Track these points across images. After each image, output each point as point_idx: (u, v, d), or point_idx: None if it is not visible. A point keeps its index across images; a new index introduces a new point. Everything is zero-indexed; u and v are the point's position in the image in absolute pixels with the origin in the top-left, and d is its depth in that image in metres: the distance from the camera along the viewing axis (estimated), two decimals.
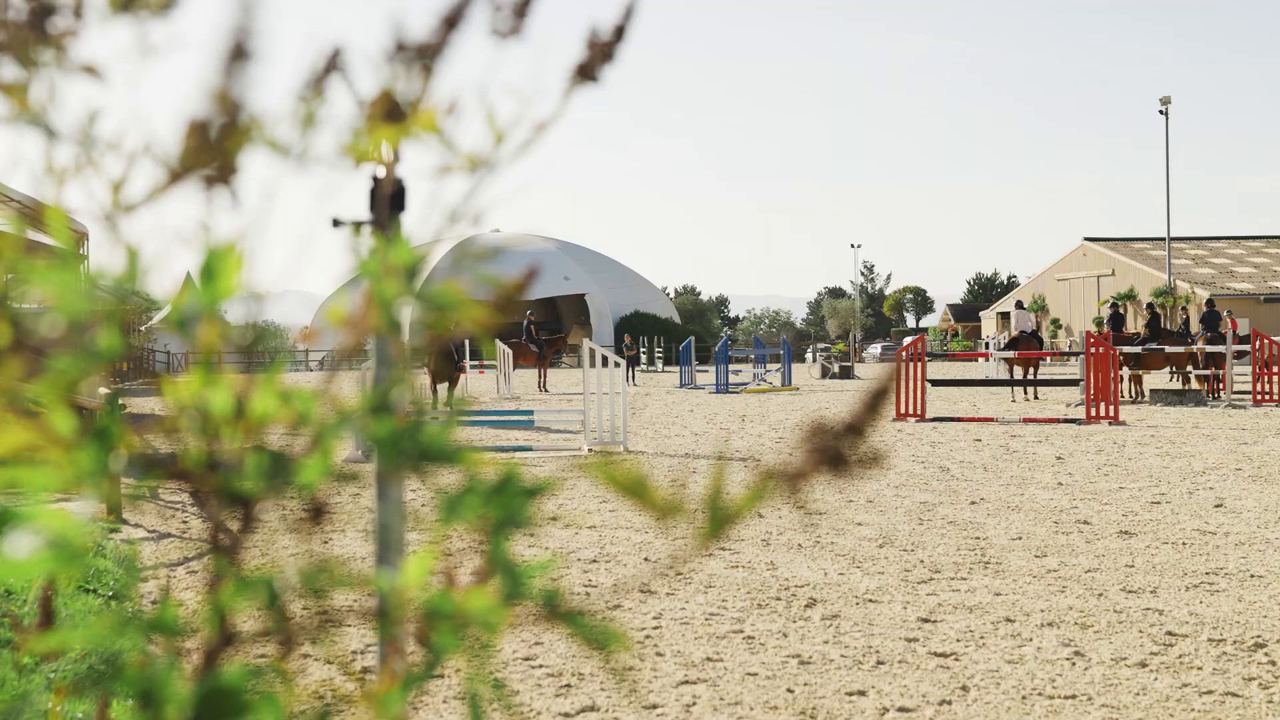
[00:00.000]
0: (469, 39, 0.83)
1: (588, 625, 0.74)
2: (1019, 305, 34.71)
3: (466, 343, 27.17)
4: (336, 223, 1.33)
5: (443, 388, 24.96)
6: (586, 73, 0.93)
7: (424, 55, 0.82)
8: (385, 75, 0.82)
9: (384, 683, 0.76)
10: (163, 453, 0.75)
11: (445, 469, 0.77)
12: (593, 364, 17.79)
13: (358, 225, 1.32)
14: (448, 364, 24.36)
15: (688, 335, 59.91)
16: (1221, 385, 28.28)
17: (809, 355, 63.10)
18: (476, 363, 42.70)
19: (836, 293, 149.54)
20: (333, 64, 0.82)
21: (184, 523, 11.09)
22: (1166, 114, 60.99)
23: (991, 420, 22.86)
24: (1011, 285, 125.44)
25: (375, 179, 1.28)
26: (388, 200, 1.20)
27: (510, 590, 0.76)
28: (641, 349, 62.26)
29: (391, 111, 0.84)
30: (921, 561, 9.00)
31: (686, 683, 6.01)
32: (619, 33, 0.92)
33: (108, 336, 0.74)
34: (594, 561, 9.07)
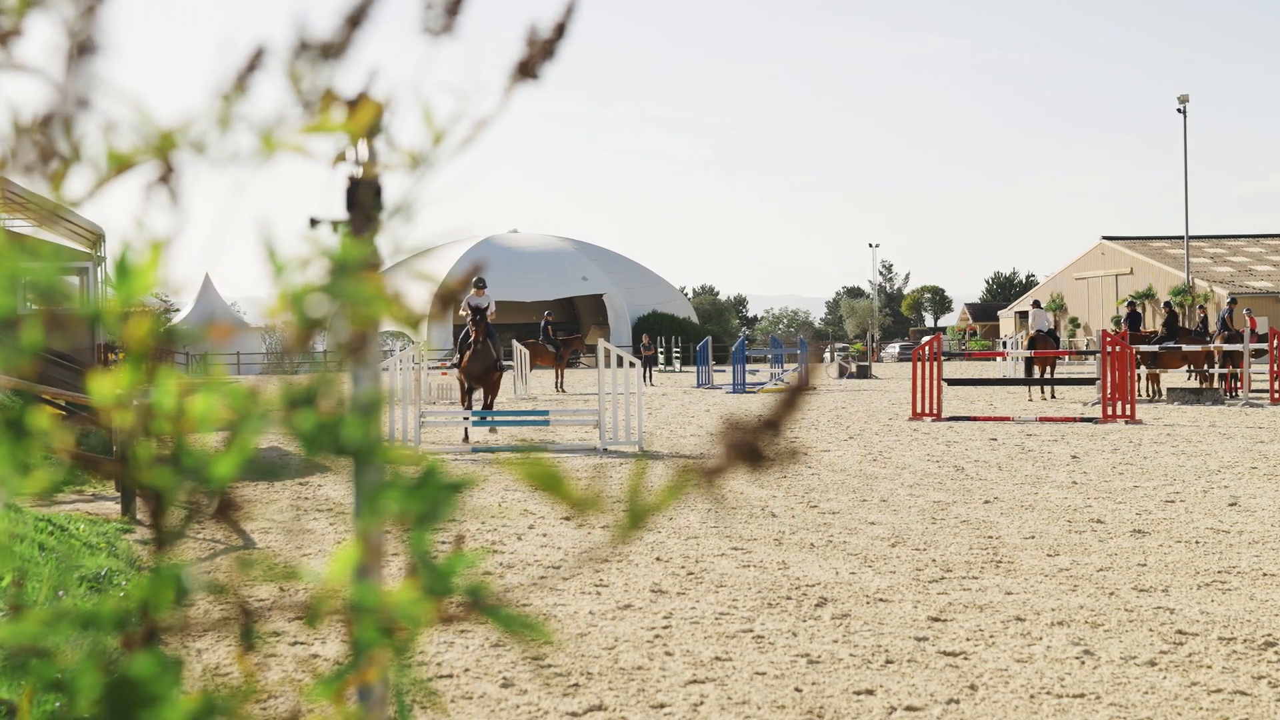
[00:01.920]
0: (405, 38, 0.84)
1: (509, 617, 0.75)
2: (1036, 304, 34.63)
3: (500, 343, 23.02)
4: (314, 222, 1.34)
5: (478, 395, 20.68)
6: (527, 70, 0.94)
7: (328, 53, 0.83)
8: (292, 73, 0.83)
9: (311, 677, 0.77)
10: (89, 448, 0.76)
11: (366, 463, 0.78)
12: (608, 365, 17.80)
13: (335, 224, 1.34)
14: (482, 365, 19.63)
15: (705, 335, 59.88)
16: (1240, 384, 28.17)
17: (826, 355, 63.05)
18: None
19: (855, 292, 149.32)
20: (255, 62, 0.83)
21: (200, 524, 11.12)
22: (1184, 112, 60.75)
23: (1008, 419, 22.81)
24: (1030, 284, 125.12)
25: (351, 179, 1.30)
26: (352, 196, 1.21)
27: (433, 584, 0.77)
28: (659, 349, 62.30)
29: (325, 107, 0.85)
30: (933, 561, 8.99)
31: (695, 682, 6.02)
32: (560, 30, 0.93)
33: (30, 333, 0.75)
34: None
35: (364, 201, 1.24)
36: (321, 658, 6.43)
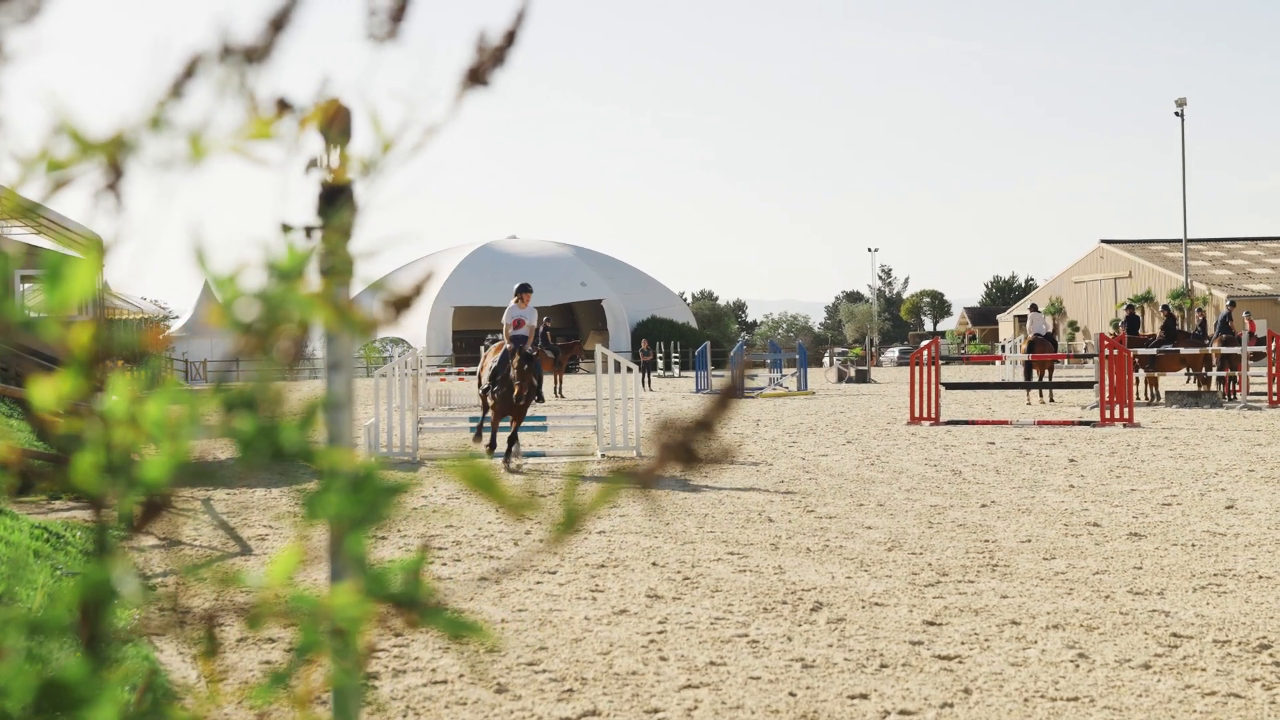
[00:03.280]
0: (354, 44, 0.84)
1: (448, 619, 0.75)
2: (1034, 308, 34.64)
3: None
4: (286, 228, 1.34)
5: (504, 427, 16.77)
6: (477, 77, 0.94)
7: (252, 57, 0.83)
8: (226, 78, 0.83)
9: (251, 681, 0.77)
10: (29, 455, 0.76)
11: (305, 467, 0.78)
12: (606, 370, 17.80)
13: (309, 229, 1.34)
14: (509, 389, 16.14)
15: (704, 340, 59.87)
16: (1238, 387, 28.16)
17: (826, 359, 63.04)
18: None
19: (854, 297, 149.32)
20: (191, 69, 0.83)
21: (195, 530, 11.12)
22: (1182, 115, 60.82)
23: (1006, 423, 22.81)
24: (1029, 288, 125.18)
25: (324, 184, 1.30)
26: (324, 200, 1.21)
27: (372, 587, 0.77)
28: (658, 354, 62.29)
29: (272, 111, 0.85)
30: (929, 565, 8.99)
31: (689, 686, 6.02)
32: (510, 37, 0.93)
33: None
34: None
35: (334, 206, 1.24)
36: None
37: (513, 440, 16.66)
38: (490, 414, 16.64)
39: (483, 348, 37.36)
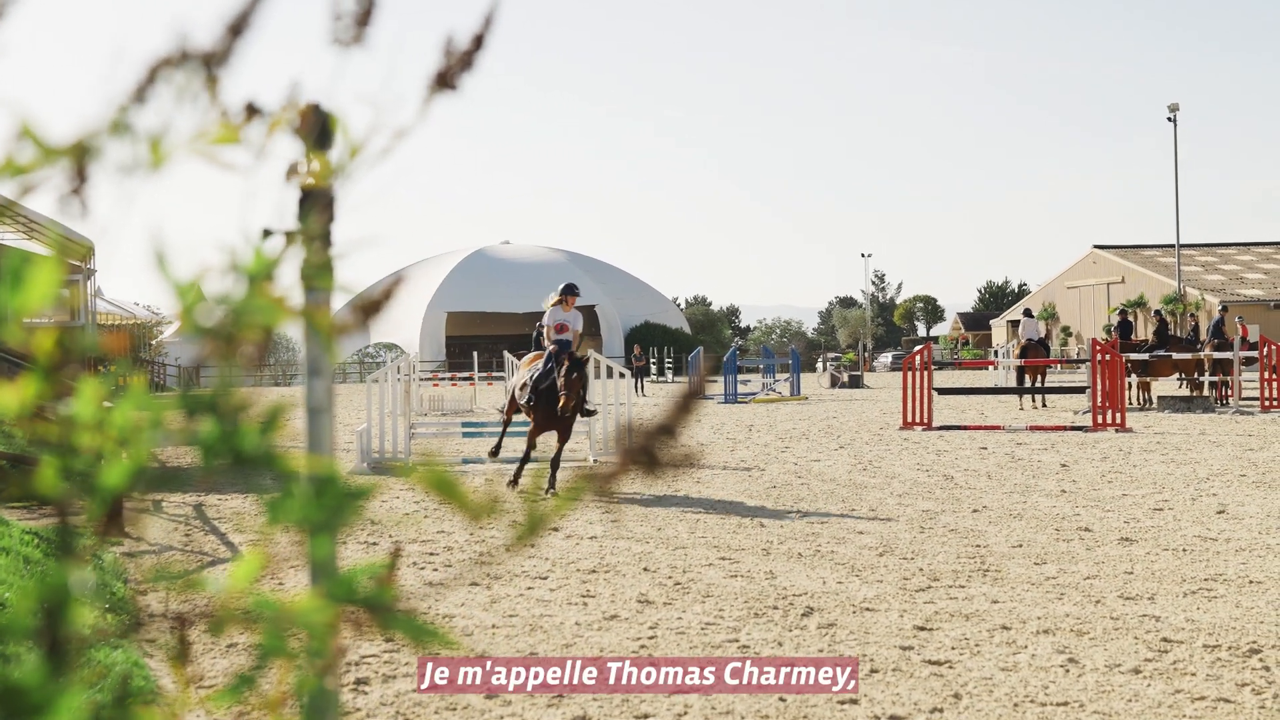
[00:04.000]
0: (324, 49, 0.84)
1: (410, 624, 0.75)
2: (1027, 313, 34.68)
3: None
4: (267, 233, 1.34)
5: (545, 437, 14.75)
6: (445, 81, 0.94)
7: (210, 62, 0.83)
8: (186, 82, 0.83)
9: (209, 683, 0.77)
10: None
11: (266, 472, 0.78)
12: (598, 376, 17.79)
13: (290, 235, 1.34)
14: (551, 404, 14.21)
15: (697, 345, 59.87)
16: (1230, 391, 28.20)
17: (819, 365, 63.09)
18: (470, 374, 42.65)
19: (847, 302, 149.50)
20: (154, 74, 0.83)
21: (187, 535, 11.11)
22: (1175, 120, 60.96)
23: (998, 428, 22.82)
24: (1022, 293, 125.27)
25: (304, 189, 1.30)
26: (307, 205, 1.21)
27: (336, 591, 0.77)
28: (651, 359, 62.31)
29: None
30: (921, 570, 8.99)
31: (680, 692, 6.01)
32: (479, 42, 0.93)
33: None
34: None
35: (309, 211, 1.24)
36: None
37: (556, 465, 14.15)
38: (516, 428, 14.88)
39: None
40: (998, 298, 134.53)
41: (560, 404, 14.00)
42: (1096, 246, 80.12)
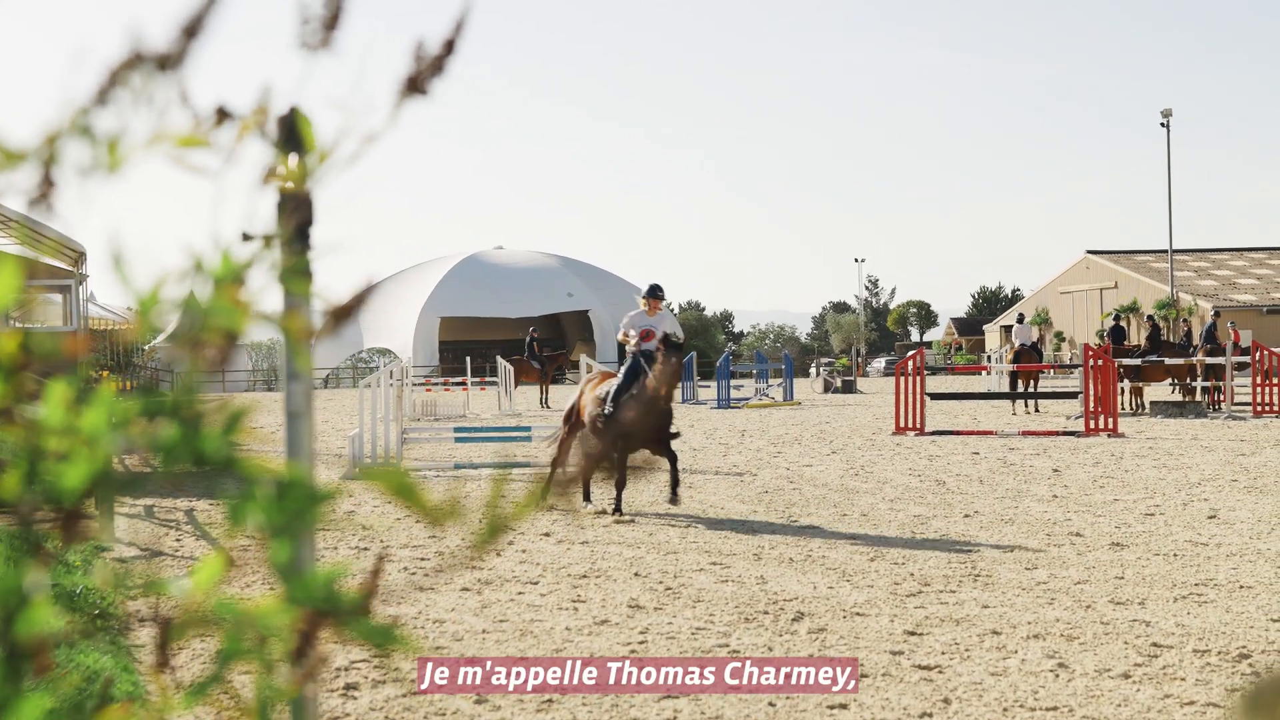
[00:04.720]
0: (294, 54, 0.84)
1: (368, 628, 0.75)
2: (1020, 318, 34.73)
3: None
4: (246, 237, 1.34)
5: (642, 455, 12.92)
6: (416, 86, 0.94)
7: (165, 64, 0.83)
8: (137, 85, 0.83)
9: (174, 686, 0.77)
10: None
11: (228, 474, 0.78)
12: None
13: (268, 239, 1.33)
14: (658, 419, 12.37)
15: (690, 351, 59.85)
16: (1222, 397, 28.24)
17: (812, 370, 63.11)
18: (467, 379, 42.61)
19: (841, 307, 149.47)
20: (115, 77, 0.83)
21: (178, 540, 11.09)
22: (1168, 126, 60.99)
23: (991, 434, 22.83)
24: (1016, 298, 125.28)
25: (282, 194, 1.30)
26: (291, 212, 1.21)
27: (296, 594, 0.77)
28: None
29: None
30: (911, 575, 8.99)
31: (669, 697, 6.01)
32: (450, 46, 0.93)
33: None
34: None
35: (284, 214, 1.24)
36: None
37: (676, 482, 12.48)
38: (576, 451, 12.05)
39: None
40: (991, 303, 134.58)
41: (661, 392, 12.24)
42: (1090, 252, 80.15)
